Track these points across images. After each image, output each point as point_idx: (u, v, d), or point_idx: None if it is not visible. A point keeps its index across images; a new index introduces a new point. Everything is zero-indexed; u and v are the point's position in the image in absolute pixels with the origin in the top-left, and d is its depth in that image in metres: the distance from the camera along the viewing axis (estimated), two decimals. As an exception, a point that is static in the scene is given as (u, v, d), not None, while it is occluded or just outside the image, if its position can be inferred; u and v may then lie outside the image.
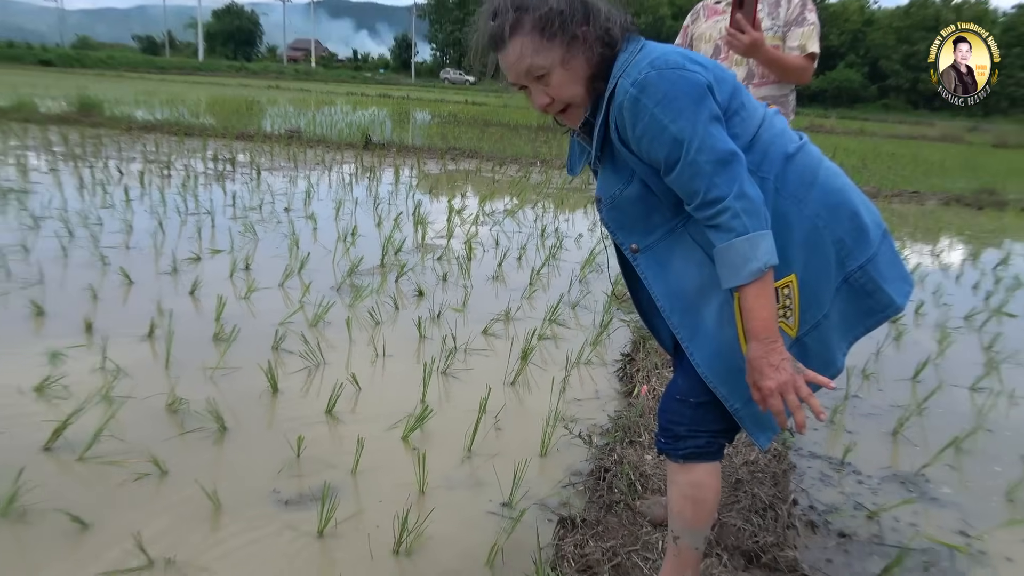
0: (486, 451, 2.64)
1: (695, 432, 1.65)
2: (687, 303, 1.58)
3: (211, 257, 4.85)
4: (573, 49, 1.49)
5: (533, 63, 1.50)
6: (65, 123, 12.32)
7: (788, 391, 1.46)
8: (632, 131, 1.47)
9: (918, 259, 6.46)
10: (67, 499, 2.15)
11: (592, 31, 1.50)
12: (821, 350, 1.60)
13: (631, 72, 1.46)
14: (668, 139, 1.43)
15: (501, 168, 10.67)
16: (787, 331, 1.54)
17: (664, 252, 1.59)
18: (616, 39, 1.53)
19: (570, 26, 1.48)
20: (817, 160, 1.60)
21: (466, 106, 27.93)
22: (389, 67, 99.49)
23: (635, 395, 3.13)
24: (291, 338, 3.51)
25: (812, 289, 1.54)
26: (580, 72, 1.52)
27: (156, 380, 2.99)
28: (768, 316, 1.45)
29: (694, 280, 1.56)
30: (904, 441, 2.99)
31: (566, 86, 1.52)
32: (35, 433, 2.49)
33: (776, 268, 1.48)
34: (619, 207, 1.60)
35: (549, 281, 4.92)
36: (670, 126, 1.42)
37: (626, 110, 1.45)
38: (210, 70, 59.85)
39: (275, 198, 6.99)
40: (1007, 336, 4.36)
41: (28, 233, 5.04)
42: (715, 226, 1.44)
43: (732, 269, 1.43)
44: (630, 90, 1.44)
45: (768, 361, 1.45)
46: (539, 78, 1.52)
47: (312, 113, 18.21)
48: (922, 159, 17.04)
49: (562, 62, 1.50)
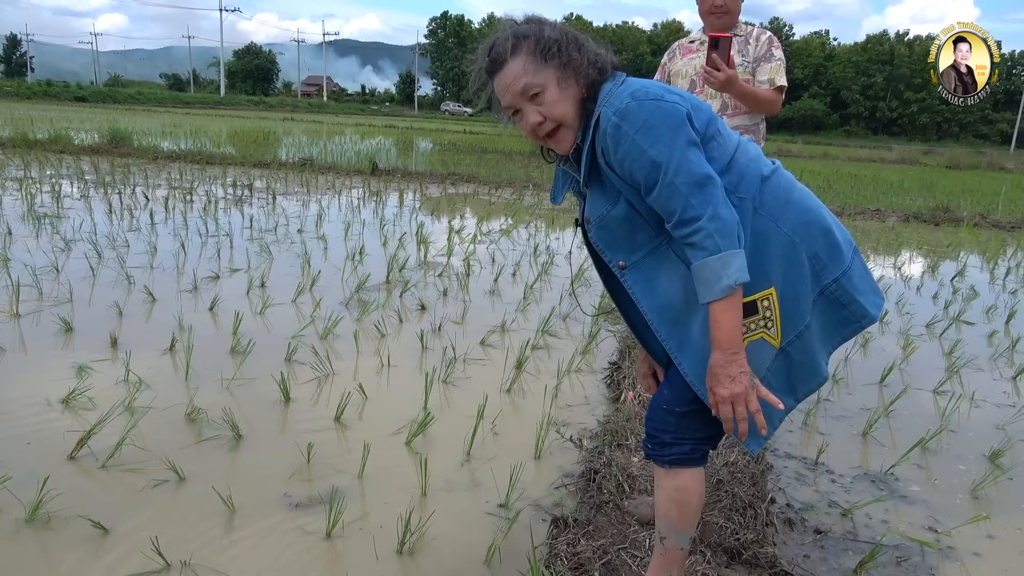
0: (484, 455, 2.58)
1: (680, 439, 1.60)
2: (674, 315, 1.54)
3: (229, 275, 4.80)
4: (566, 71, 1.49)
5: (530, 81, 1.48)
6: (97, 153, 12.28)
7: (739, 402, 1.45)
8: (615, 155, 1.45)
9: (882, 272, 6.43)
10: (89, 506, 2.09)
11: (583, 58, 1.50)
12: (806, 359, 1.56)
13: (613, 102, 1.45)
14: (647, 162, 1.41)
15: (497, 191, 10.64)
16: (771, 341, 1.51)
17: (650, 268, 1.55)
18: (606, 67, 1.52)
19: (564, 51, 1.49)
20: (790, 182, 1.58)
21: (464, 135, 27.96)
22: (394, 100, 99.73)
23: (622, 401, 3.08)
24: (303, 350, 3.45)
25: (792, 301, 1.51)
26: (572, 93, 1.50)
27: (176, 391, 2.93)
28: (732, 328, 1.42)
29: (680, 294, 1.52)
30: (874, 442, 2.94)
31: (558, 104, 1.50)
32: (61, 443, 2.43)
33: (757, 282, 1.47)
34: (606, 227, 1.56)
35: (541, 295, 4.88)
36: (648, 150, 1.41)
37: (609, 136, 1.45)
38: (231, 104, 59.97)
39: (289, 221, 6.95)
40: (965, 342, 4.31)
41: (60, 255, 4.98)
42: (690, 244, 1.42)
43: (706, 285, 1.41)
44: (612, 118, 1.44)
45: (727, 371, 1.43)
46: (533, 97, 1.50)
47: (324, 142, 18.19)
48: (882, 180, 17.04)
49: (556, 81, 1.49)
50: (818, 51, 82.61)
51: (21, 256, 4.89)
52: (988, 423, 3.19)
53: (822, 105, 79.21)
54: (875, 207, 10.87)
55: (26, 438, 2.48)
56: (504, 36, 1.52)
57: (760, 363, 1.51)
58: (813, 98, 79.29)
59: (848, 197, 12.07)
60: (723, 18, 2.91)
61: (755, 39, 2.99)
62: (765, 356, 1.52)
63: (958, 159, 28.10)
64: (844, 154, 33.05)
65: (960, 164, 26.84)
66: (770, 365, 1.54)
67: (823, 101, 80.00)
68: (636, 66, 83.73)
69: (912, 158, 30.08)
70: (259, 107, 59.31)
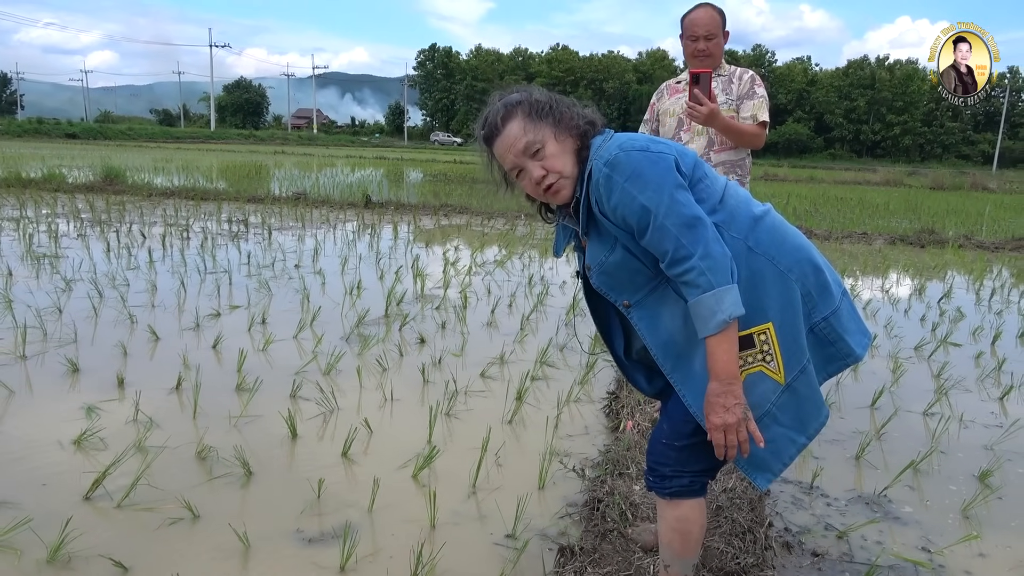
0: (489, 486, 2.65)
1: (679, 472, 1.68)
2: (678, 351, 1.63)
3: (230, 313, 4.87)
4: (560, 126, 1.60)
5: (529, 139, 1.59)
6: (91, 191, 12.37)
7: (731, 432, 1.53)
8: (608, 203, 1.55)
9: (870, 294, 6.55)
10: (107, 545, 2.14)
11: (573, 113, 1.62)
12: (811, 393, 1.62)
13: (603, 154, 1.56)
14: (638, 208, 1.51)
15: (489, 222, 10.76)
16: (772, 376, 1.58)
17: (653, 306, 1.64)
18: (595, 120, 1.64)
19: (555, 109, 1.61)
20: (783, 222, 1.69)
21: (455, 165, 28.22)
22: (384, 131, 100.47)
23: (621, 430, 3.15)
24: (307, 386, 3.52)
25: (791, 336, 1.59)
26: (568, 145, 1.61)
27: (185, 429, 2.99)
28: (728, 360, 1.51)
29: (681, 330, 1.61)
30: (867, 465, 3.02)
31: (558, 157, 1.60)
32: (75, 483, 2.49)
33: (753, 316, 1.56)
34: (607, 272, 1.65)
35: (538, 326, 4.96)
36: (639, 196, 1.51)
37: (602, 186, 1.55)
38: (221, 138, 60.24)
39: (286, 256, 7.03)
40: (953, 364, 4.41)
41: (61, 295, 5.04)
42: (685, 283, 1.51)
43: (702, 321, 1.50)
44: (603, 169, 1.54)
45: (722, 401, 1.52)
46: (534, 154, 1.59)
47: (316, 175, 18.34)
48: (868, 202, 17.29)
49: (553, 135, 1.60)
50: (801, 77, 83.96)
51: (23, 297, 4.94)
52: (977, 444, 3.28)
53: (806, 129, 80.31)
54: (862, 230, 11.05)
55: (41, 479, 2.53)
56: (496, 108, 1.63)
57: (760, 396, 1.59)
58: (797, 122, 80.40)
59: (835, 221, 12.26)
60: (705, 60, 3.05)
61: (738, 78, 3.13)
62: (766, 390, 1.59)
63: (942, 180, 28.50)
64: (830, 177, 33.49)
65: (944, 185, 27.22)
66: (776, 401, 1.59)
67: (807, 125, 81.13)
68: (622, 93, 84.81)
69: (897, 180, 30.47)
70: (249, 140, 59.64)
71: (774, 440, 1.60)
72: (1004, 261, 9.20)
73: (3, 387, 3.35)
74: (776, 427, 1.60)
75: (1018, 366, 4.47)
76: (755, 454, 1.60)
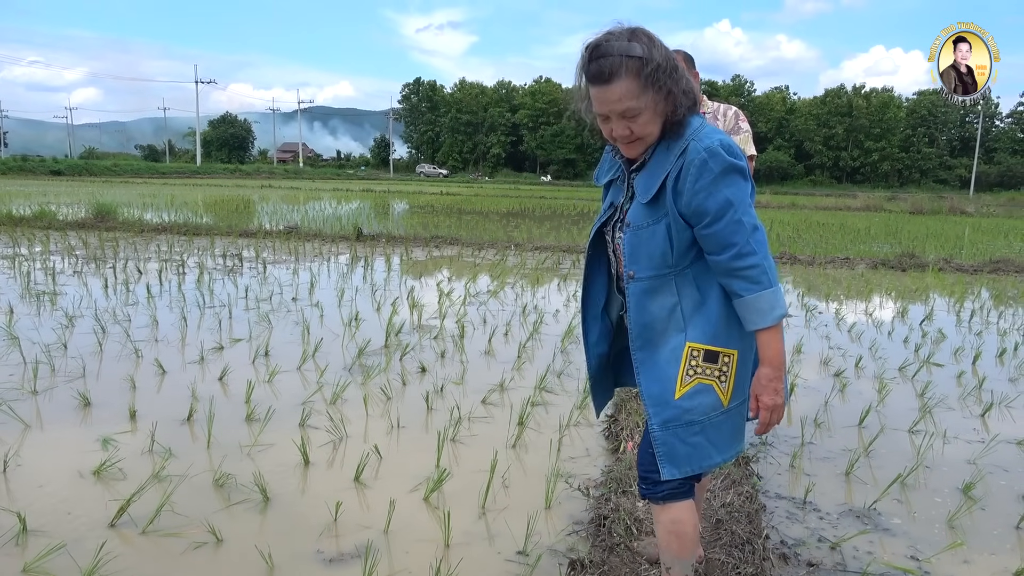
0: (498, 507, 2.76)
1: None
2: (652, 336, 1.78)
3: (232, 346, 4.97)
4: (664, 97, 1.66)
5: (632, 105, 1.64)
6: (83, 228, 12.44)
7: (777, 412, 1.71)
8: (693, 184, 1.65)
9: (855, 318, 6.74)
10: (135, 570, 2.24)
11: (679, 89, 1.67)
12: (739, 424, 1.81)
13: (703, 139, 1.66)
14: (722, 199, 1.64)
15: (480, 252, 10.92)
16: (720, 395, 1.75)
17: (650, 289, 1.76)
18: (695, 101, 1.72)
19: (664, 79, 1.64)
20: None
21: (441, 196, 28.49)
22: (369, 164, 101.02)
23: (621, 451, 3.28)
24: (315, 416, 3.63)
25: (744, 373, 1.77)
26: (662, 117, 1.69)
27: (200, 458, 3.08)
28: (780, 350, 1.68)
29: (663, 320, 1.76)
30: (856, 480, 3.15)
31: (648, 125, 1.68)
32: (100, 511, 2.58)
33: (727, 339, 1.73)
34: (639, 236, 1.75)
35: (534, 353, 5.09)
36: (724, 190, 1.64)
37: (695, 166, 1.65)
38: (207, 173, 60.39)
39: (283, 289, 7.14)
40: (936, 383, 4.58)
41: (65, 332, 5.12)
42: (744, 277, 1.65)
43: (760, 314, 1.65)
44: (702, 153, 1.65)
45: (774, 386, 1.69)
46: (630, 117, 1.67)
47: (305, 208, 18.49)
48: (849, 227, 17.65)
49: (653, 106, 1.66)
50: (780, 105, 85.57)
51: (28, 333, 5.02)
52: (960, 458, 3.43)
53: (787, 156, 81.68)
54: (844, 255, 11.31)
55: (66, 508, 2.62)
56: (614, 57, 1.61)
57: (703, 406, 1.74)
58: (778, 150, 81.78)
59: (818, 246, 12.52)
60: None
61: (723, 115, 3.32)
62: (710, 403, 1.74)
63: (921, 204, 29.08)
64: (811, 203, 34.04)
65: (923, 209, 27.78)
66: (713, 417, 1.75)
67: (788, 152, 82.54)
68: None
69: (876, 205, 31.05)
70: (235, 175, 59.81)
71: (698, 447, 1.75)
72: (983, 283, 9.46)
73: (19, 421, 3.44)
74: (703, 437, 1.75)
75: (998, 384, 4.64)
76: (676, 450, 1.75)
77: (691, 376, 1.73)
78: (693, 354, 1.72)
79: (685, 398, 1.73)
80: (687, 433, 1.74)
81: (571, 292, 7.63)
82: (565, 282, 8.34)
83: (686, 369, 1.72)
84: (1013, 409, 4.19)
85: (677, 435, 1.74)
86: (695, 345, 1.72)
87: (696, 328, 1.72)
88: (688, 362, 1.72)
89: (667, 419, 1.74)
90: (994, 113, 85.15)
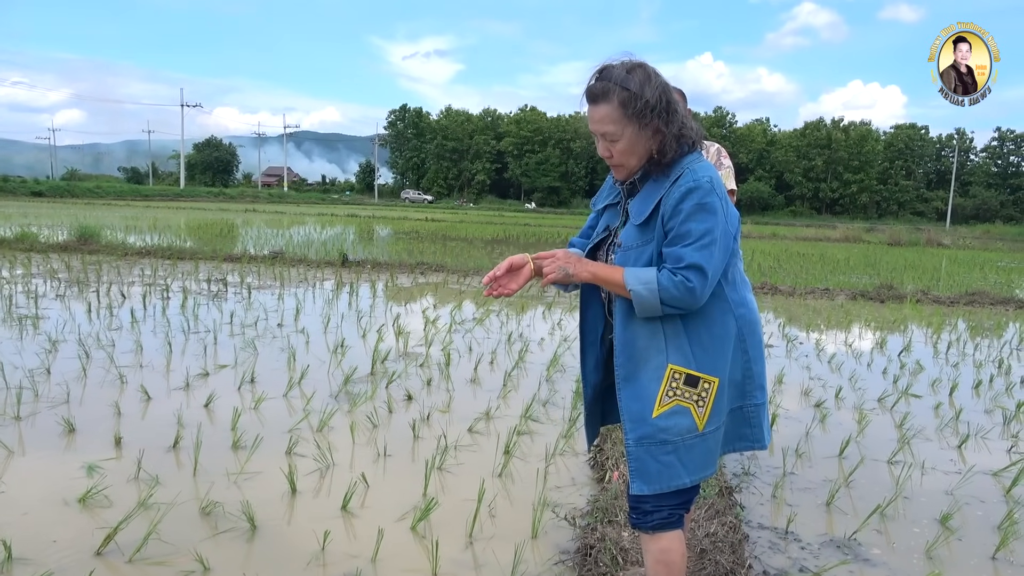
0: (485, 536, 2.78)
1: (659, 507, 1.88)
2: (633, 352, 1.84)
3: (217, 372, 4.96)
4: (645, 133, 1.77)
5: (611, 129, 1.77)
6: (65, 251, 12.36)
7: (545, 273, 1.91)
8: (673, 207, 1.75)
9: (835, 348, 6.84)
10: (123, 598, 2.23)
11: (669, 130, 1.77)
12: (713, 448, 1.86)
13: (697, 172, 1.76)
14: (686, 227, 1.73)
15: (465, 279, 10.97)
16: (696, 419, 1.81)
17: None
18: (687, 143, 1.81)
19: (650, 116, 1.75)
20: (759, 317, 1.94)
21: (427, 222, 28.55)
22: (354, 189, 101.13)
23: (607, 480, 3.31)
24: (302, 443, 3.63)
25: (722, 402, 1.84)
26: (641, 151, 1.80)
27: (186, 486, 3.08)
28: (601, 278, 1.83)
29: (646, 338, 1.83)
30: (836, 510, 3.20)
31: (626, 155, 1.81)
32: (86, 539, 2.57)
33: (711, 365, 1.80)
34: (628, 256, 1.84)
35: (520, 382, 5.12)
36: (701, 223, 1.73)
37: (680, 193, 1.74)
38: (190, 196, 60.18)
39: (268, 315, 7.13)
40: (914, 414, 4.66)
41: (48, 356, 5.09)
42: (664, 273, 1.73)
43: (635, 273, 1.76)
44: (690, 183, 1.74)
45: (568, 268, 1.85)
46: (611, 140, 1.79)
47: (289, 233, 18.48)
48: (829, 257, 17.89)
49: (631, 137, 1.77)
50: (760, 137, 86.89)
51: (10, 358, 4.98)
52: (938, 489, 3.49)
53: (768, 187, 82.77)
54: (824, 286, 11.47)
55: (51, 536, 2.61)
56: (605, 83, 1.75)
57: (678, 427, 1.80)
58: (759, 181, 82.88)
59: (799, 277, 12.69)
60: None
61: (704, 150, 3.41)
62: (686, 426, 1.80)
63: (899, 236, 29.53)
64: (791, 233, 34.49)
65: (901, 241, 28.21)
66: (687, 439, 1.81)
67: (768, 183, 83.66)
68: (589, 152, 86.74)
69: (855, 236, 31.50)
70: (219, 198, 59.69)
71: (669, 466, 1.81)
72: (960, 315, 9.63)
73: (2, 446, 3.42)
74: (675, 457, 1.81)
75: (974, 416, 4.74)
76: (648, 467, 1.81)
77: (670, 397, 1.79)
78: (675, 376, 1.79)
79: (662, 417, 1.79)
80: (660, 451, 1.80)
81: (556, 320, 7.69)
82: (550, 310, 8.40)
83: (666, 390, 1.79)
84: (989, 440, 4.28)
85: (650, 452, 1.80)
86: (677, 368, 1.79)
87: (679, 351, 1.79)
88: (669, 383, 1.79)
89: (642, 436, 1.81)
90: (969, 147, 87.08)
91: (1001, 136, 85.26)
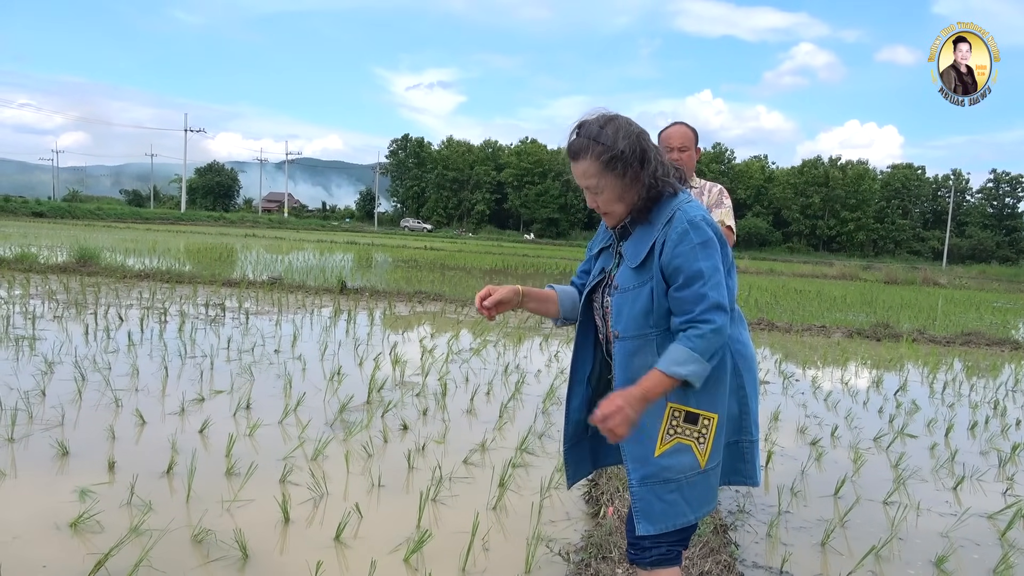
0: (478, 570, 2.76)
1: (657, 543, 1.88)
2: None
3: (213, 397, 4.95)
4: (625, 181, 1.83)
5: (592, 183, 1.85)
6: (64, 272, 12.36)
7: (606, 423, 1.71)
8: (673, 249, 1.78)
9: (831, 386, 6.84)
10: (112, 626, 2.21)
11: (645, 174, 1.83)
12: (714, 484, 1.89)
13: (688, 213, 1.81)
14: (696, 268, 1.76)
15: (463, 309, 10.98)
16: (697, 456, 1.83)
17: (633, 347, 1.86)
18: (664, 186, 1.85)
19: (627, 167, 1.82)
20: (754, 349, 1.97)
21: (426, 251, 28.65)
22: (354, 216, 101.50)
23: (602, 516, 3.29)
24: (296, 472, 3.61)
25: (721, 437, 1.87)
26: (626, 199, 1.86)
27: (178, 513, 3.06)
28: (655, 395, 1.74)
29: None
30: (832, 551, 3.19)
31: (612, 203, 1.87)
32: (75, 566, 2.55)
33: (709, 403, 1.82)
34: (625, 297, 1.87)
35: (515, 414, 5.11)
36: (700, 262, 1.77)
37: (677, 234, 1.78)
38: (191, 219, 60.32)
39: (265, 341, 7.13)
40: (910, 455, 4.65)
41: (44, 378, 5.08)
42: (687, 335, 1.74)
43: (672, 361, 1.73)
44: (685, 224, 1.79)
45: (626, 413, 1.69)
46: (595, 192, 1.86)
47: (289, 259, 18.52)
48: (825, 295, 17.94)
49: (612, 187, 1.84)
50: (759, 173, 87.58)
51: (5, 379, 4.97)
52: (933, 531, 3.48)
53: (765, 223, 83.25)
54: (821, 323, 11.49)
55: (41, 561, 2.59)
56: (583, 138, 1.83)
57: (681, 465, 1.82)
58: (756, 216, 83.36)
59: (795, 313, 12.72)
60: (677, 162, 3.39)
61: (708, 190, 3.47)
62: (688, 463, 1.82)
63: (895, 275, 29.64)
64: (788, 270, 34.63)
65: (897, 279, 28.30)
66: (690, 476, 1.83)
67: (766, 220, 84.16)
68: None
69: (852, 274, 31.61)
70: (219, 223, 59.87)
71: (673, 504, 1.82)
72: (955, 355, 9.64)
73: (-5, 470, 3.40)
74: (679, 495, 1.83)
75: (969, 457, 4.73)
76: (652, 507, 1.83)
77: (671, 435, 1.81)
78: (674, 414, 1.81)
79: (664, 456, 1.81)
80: (664, 490, 1.82)
81: (553, 352, 7.69)
82: (547, 342, 8.40)
83: (667, 428, 1.81)
84: (984, 483, 4.27)
85: (654, 492, 1.81)
86: (676, 406, 1.81)
87: (677, 389, 1.79)
88: (669, 421, 1.81)
89: (646, 475, 1.82)
90: (965, 188, 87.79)
91: (997, 178, 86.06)
